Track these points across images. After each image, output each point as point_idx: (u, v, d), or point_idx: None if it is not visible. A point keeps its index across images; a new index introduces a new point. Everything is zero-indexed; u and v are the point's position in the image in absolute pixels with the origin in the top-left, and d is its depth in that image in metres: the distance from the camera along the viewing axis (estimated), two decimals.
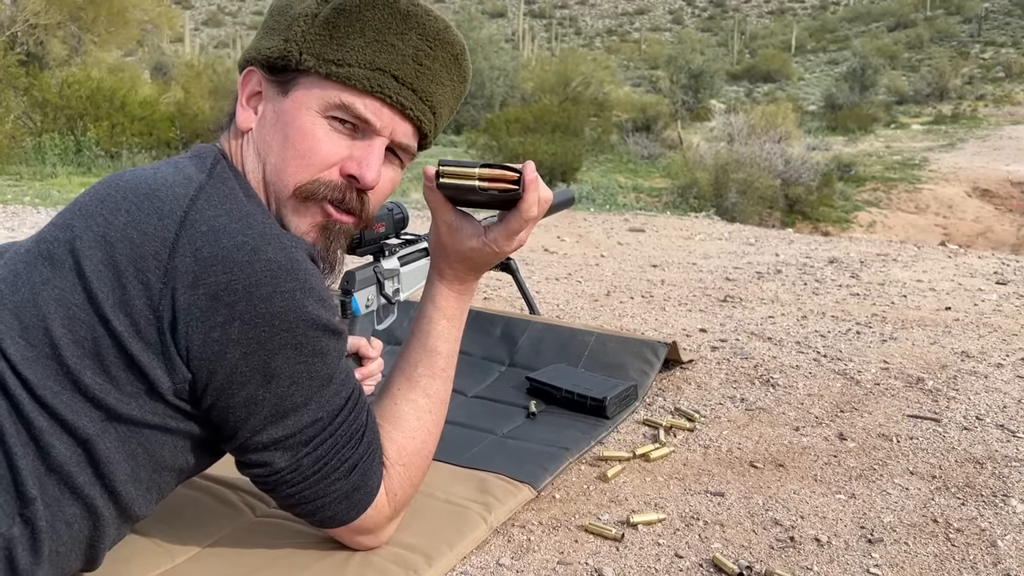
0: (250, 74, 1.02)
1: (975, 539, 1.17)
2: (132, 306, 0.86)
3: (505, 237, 1.02)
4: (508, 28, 51.44)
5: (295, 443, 0.93)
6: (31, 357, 0.85)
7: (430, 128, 1.04)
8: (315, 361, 0.92)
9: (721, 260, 3.90)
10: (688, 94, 21.71)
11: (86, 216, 0.90)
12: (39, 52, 13.94)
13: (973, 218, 13.13)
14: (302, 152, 0.97)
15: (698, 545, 1.14)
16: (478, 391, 1.72)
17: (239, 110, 1.02)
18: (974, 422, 1.61)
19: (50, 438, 0.85)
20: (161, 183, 0.92)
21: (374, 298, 1.40)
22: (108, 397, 0.87)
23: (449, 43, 1.03)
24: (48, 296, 0.86)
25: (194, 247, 0.87)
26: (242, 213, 0.91)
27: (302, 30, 0.97)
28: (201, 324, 0.87)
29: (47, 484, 0.85)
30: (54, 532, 0.86)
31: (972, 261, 3.83)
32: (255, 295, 0.87)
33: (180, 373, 0.88)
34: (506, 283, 2.99)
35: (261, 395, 0.90)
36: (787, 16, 62.38)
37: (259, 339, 0.88)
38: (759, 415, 1.65)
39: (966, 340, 2.22)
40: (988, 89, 32.48)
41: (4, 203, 6.32)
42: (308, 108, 0.98)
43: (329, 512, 0.98)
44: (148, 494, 0.94)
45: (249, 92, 1.02)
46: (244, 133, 1.02)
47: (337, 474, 0.96)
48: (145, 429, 0.90)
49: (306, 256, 0.93)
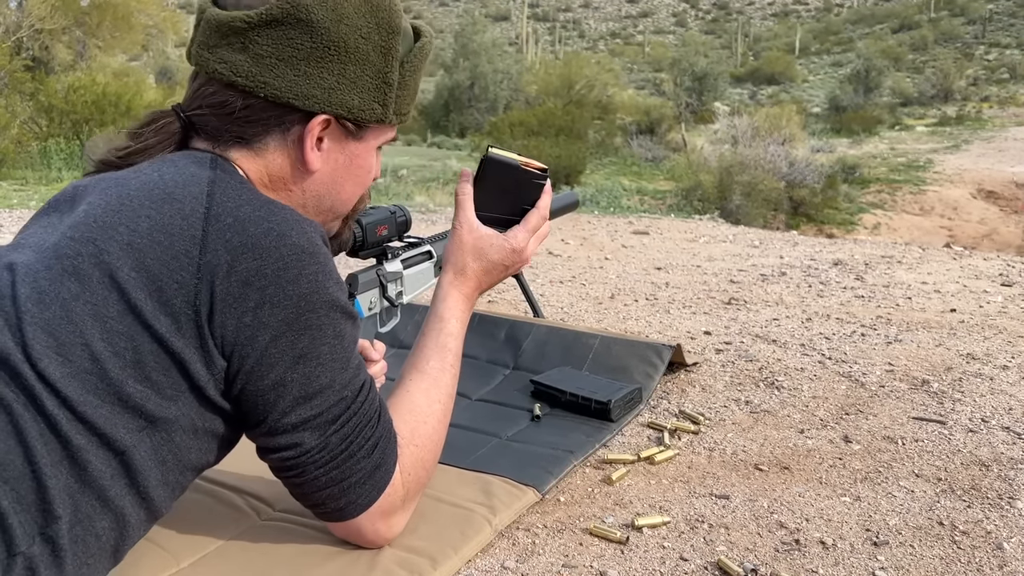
0: (324, 123, 1.01)
1: (981, 542, 1.16)
2: (171, 305, 0.88)
3: (524, 231, 1.18)
4: (512, 32, 51.51)
5: (323, 422, 0.96)
6: (69, 373, 0.85)
7: None
8: (336, 343, 0.96)
9: (725, 263, 3.90)
10: (692, 96, 21.72)
11: (106, 228, 0.90)
12: (44, 57, 14.00)
13: (978, 220, 13.11)
14: (364, 183, 1.10)
15: (703, 548, 1.14)
16: (482, 394, 1.72)
17: (308, 151, 1.01)
18: (980, 424, 1.60)
19: (86, 455, 0.85)
20: (172, 184, 0.93)
21: (377, 301, 1.41)
22: (148, 403, 0.88)
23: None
24: (82, 311, 0.87)
25: (224, 239, 0.90)
26: (260, 201, 0.94)
27: (394, 97, 1.05)
28: (234, 310, 0.89)
29: (80, 501, 0.85)
30: (84, 546, 0.86)
31: (977, 263, 3.82)
32: (283, 278, 0.91)
33: (217, 363, 0.91)
34: (510, 286, 2.99)
35: (289, 376, 0.93)
36: (791, 18, 62.34)
37: (287, 320, 0.91)
38: (764, 418, 1.65)
39: (971, 342, 2.21)
40: (993, 90, 32.43)
41: (10, 207, 6.35)
42: (372, 149, 1.09)
43: (353, 495, 0.99)
44: (172, 494, 0.96)
45: (317, 136, 1.02)
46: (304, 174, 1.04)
47: (362, 452, 0.99)
48: (177, 433, 0.91)
49: (320, 239, 0.97)
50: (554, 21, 66.41)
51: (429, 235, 1.55)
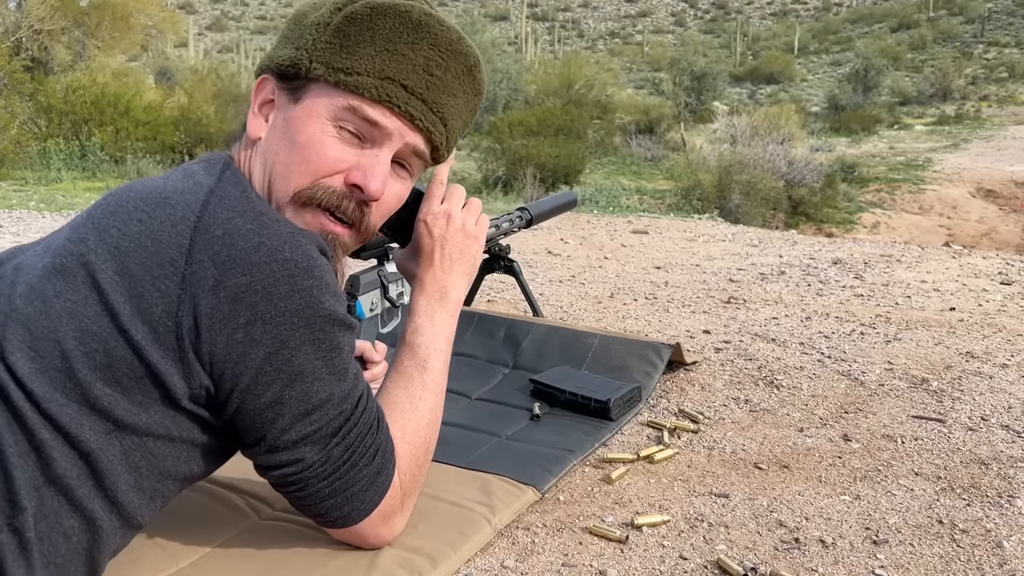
0: (264, 82, 1.03)
1: (980, 540, 1.17)
2: (150, 314, 0.86)
3: (429, 202, 1.14)
4: (511, 31, 51.49)
5: (323, 435, 0.95)
6: (38, 369, 0.85)
7: (441, 140, 1.04)
8: (333, 356, 0.94)
9: (725, 262, 3.90)
10: (691, 96, 21.69)
11: (99, 229, 0.90)
12: (44, 58, 13.99)
13: (977, 219, 13.11)
14: (308, 158, 0.98)
15: (702, 547, 1.14)
16: (482, 393, 1.72)
17: (250, 117, 1.03)
18: (979, 423, 1.60)
19: (51, 451, 0.84)
20: (172, 190, 0.92)
21: (378, 302, 1.41)
22: (116, 408, 0.87)
23: (463, 54, 1.03)
24: (60, 308, 0.86)
25: (211, 251, 0.87)
26: (255, 213, 0.92)
27: (313, 38, 0.98)
28: (224, 327, 0.87)
29: (46, 496, 0.85)
30: (51, 543, 0.85)
31: (976, 262, 3.82)
32: (274, 294, 0.88)
33: (197, 379, 0.89)
34: (509, 286, 2.99)
35: (287, 394, 0.92)
36: (790, 17, 62.34)
37: (281, 337, 0.89)
38: (763, 416, 1.65)
39: (971, 341, 2.21)
40: (992, 89, 32.43)
41: (9, 208, 6.35)
42: (318, 115, 0.98)
43: (356, 502, 0.99)
44: (152, 503, 0.94)
45: (261, 100, 1.03)
46: (254, 142, 1.02)
47: (364, 460, 0.98)
48: (150, 439, 0.90)
49: (318, 251, 0.94)
50: (553, 21, 66.40)
51: None
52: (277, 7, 73.95)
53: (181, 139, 11.26)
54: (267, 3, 75.62)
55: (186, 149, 11.16)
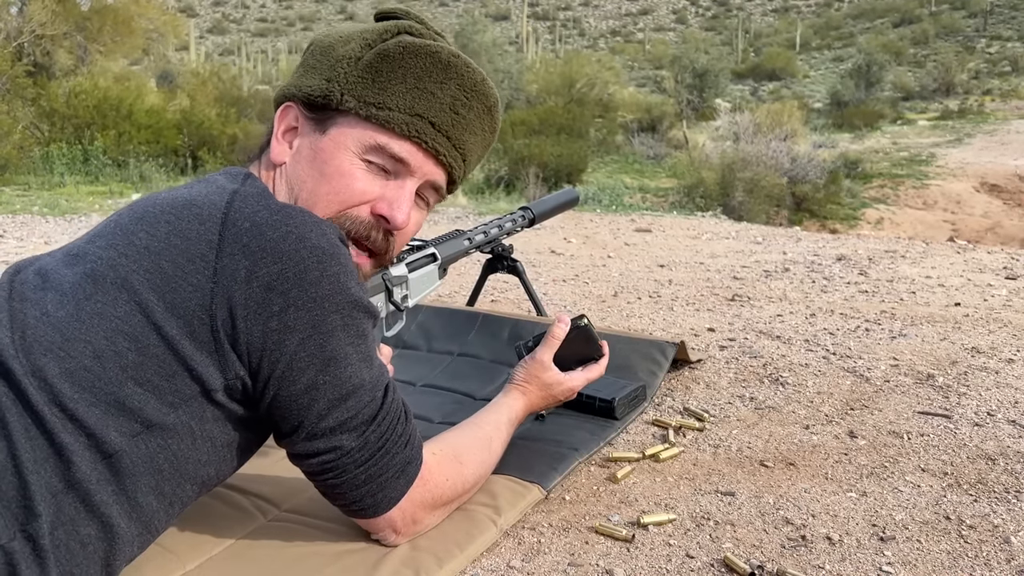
0: (287, 109, 1.07)
1: (988, 536, 1.16)
2: (184, 309, 0.88)
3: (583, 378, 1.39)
4: (512, 31, 51.49)
5: (360, 422, 0.97)
6: (68, 370, 0.86)
7: (459, 174, 1.11)
8: (361, 342, 0.97)
9: (728, 259, 3.90)
10: (693, 94, 21.67)
11: (127, 234, 0.93)
12: (46, 62, 14.02)
13: (982, 213, 13.07)
14: (337, 188, 1.03)
15: (709, 545, 1.14)
16: (486, 393, 1.71)
17: (274, 143, 1.07)
18: (985, 418, 1.60)
19: (71, 454, 0.85)
20: (196, 194, 0.96)
21: (383, 305, 1.41)
22: (146, 407, 0.88)
23: (485, 95, 1.10)
24: (91, 310, 0.88)
25: (241, 243, 0.90)
26: (279, 206, 0.95)
27: (345, 72, 1.03)
28: (259, 316, 0.90)
29: (63, 502, 0.85)
30: (67, 551, 0.85)
31: (981, 256, 3.81)
32: (305, 280, 0.91)
33: (233, 369, 0.91)
34: (513, 285, 2.99)
35: (321, 379, 0.94)
36: (791, 14, 62.23)
37: (313, 323, 0.92)
38: (769, 414, 1.64)
39: (976, 336, 2.21)
40: (995, 84, 32.34)
41: (13, 213, 6.36)
42: (346, 148, 1.03)
43: (389, 489, 1.01)
44: (170, 507, 0.95)
45: (285, 127, 1.07)
46: (277, 166, 1.07)
47: (397, 447, 1.01)
48: (175, 440, 0.91)
49: (339, 239, 0.97)
50: (554, 20, 66.36)
51: (433, 237, 1.55)
52: (277, 9, 74.09)
53: (184, 142, 11.28)
54: (268, 6, 75.74)
55: (189, 152, 11.18)
